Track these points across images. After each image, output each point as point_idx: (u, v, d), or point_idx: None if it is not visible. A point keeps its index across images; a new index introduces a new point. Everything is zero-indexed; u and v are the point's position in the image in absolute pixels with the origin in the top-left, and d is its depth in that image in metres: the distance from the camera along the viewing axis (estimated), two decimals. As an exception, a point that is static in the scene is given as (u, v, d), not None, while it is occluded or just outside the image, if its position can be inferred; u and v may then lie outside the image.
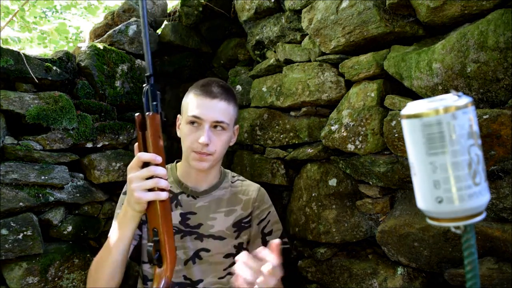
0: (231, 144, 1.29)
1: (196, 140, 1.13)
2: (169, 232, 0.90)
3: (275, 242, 0.85)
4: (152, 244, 0.90)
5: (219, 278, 1.22)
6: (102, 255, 1.03)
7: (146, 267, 1.22)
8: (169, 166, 1.29)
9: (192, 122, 1.17)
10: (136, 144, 0.94)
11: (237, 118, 1.27)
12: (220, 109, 1.16)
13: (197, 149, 1.13)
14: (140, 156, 0.89)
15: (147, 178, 0.88)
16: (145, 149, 0.91)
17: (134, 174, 0.89)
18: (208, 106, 1.15)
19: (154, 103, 0.91)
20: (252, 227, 1.29)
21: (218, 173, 1.30)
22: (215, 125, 1.15)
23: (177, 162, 1.31)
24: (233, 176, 1.35)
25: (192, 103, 1.18)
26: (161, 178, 0.88)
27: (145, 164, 0.90)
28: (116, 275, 1.02)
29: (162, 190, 0.89)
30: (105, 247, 1.03)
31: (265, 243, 1.28)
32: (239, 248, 1.25)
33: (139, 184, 0.88)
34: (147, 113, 0.90)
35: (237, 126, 1.30)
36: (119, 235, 0.99)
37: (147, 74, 0.92)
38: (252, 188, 1.32)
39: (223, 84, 1.23)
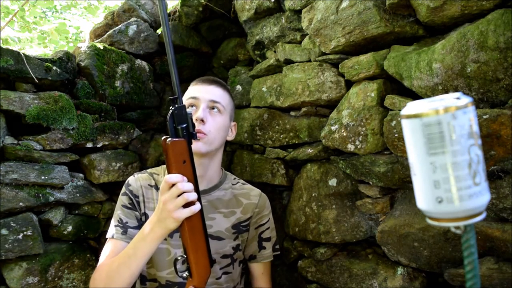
0: (229, 139, 1.31)
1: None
2: (196, 247, 0.97)
3: None
4: (182, 256, 1.00)
5: (217, 279, 1.23)
6: (118, 267, 1.03)
7: (144, 267, 1.22)
8: None
9: (190, 106, 1.21)
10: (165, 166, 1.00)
11: (233, 111, 1.33)
12: (216, 91, 1.24)
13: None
14: (168, 179, 0.94)
15: (178, 196, 0.94)
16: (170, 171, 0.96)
17: (166, 195, 0.94)
18: (204, 89, 1.23)
19: (184, 125, 0.96)
20: (249, 231, 1.30)
21: (218, 173, 1.30)
22: (211, 106, 1.21)
23: None
24: (234, 179, 1.36)
25: (189, 90, 1.25)
26: (189, 192, 0.94)
27: (174, 185, 0.95)
28: (130, 285, 1.04)
29: (194, 203, 0.96)
30: (123, 260, 1.03)
31: (261, 248, 1.31)
32: (236, 250, 1.27)
33: (175, 204, 0.93)
34: (168, 140, 0.94)
35: (234, 123, 1.35)
36: (144, 251, 1.01)
37: (173, 97, 0.96)
38: (253, 193, 1.33)
39: (219, 79, 1.32)
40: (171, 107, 0.96)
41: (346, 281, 1.41)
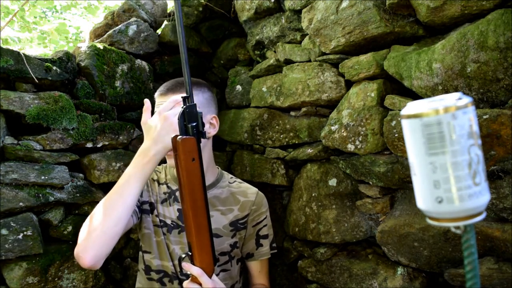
0: (212, 133, 1.25)
1: None
2: (201, 245, 0.98)
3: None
4: (187, 253, 1.00)
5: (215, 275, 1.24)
6: (111, 197, 1.03)
7: (149, 257, 1.24)
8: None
9: None
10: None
11: (208, 106, 1.25)
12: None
13: None
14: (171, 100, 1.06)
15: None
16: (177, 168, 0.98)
17: (169, 111, 1.04)
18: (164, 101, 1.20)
19: (194, 123, 0.97)
20: (246, 228, 1.32)
21: (214, 172, 1.32)
22: None
23: None
24: (231, 178, 1.38)
25: (155, 104, 1.24)
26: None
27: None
28: (122, 221, 1.02)
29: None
30: (115, 190, 1.04)
31: (259, 245, 1.33)
32: (234, 247, 1.29)
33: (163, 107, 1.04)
34: (178, 137, 0.96)
35: (213, 115, 1.26)
36: (137, 174, 1.03)
37: (185, 95, 0.97)
38: (250, 191, 1.35)
39: (177, 79, 1.25)
40: (182, 106, 0.96)
41: (346, 281, 1.41)
